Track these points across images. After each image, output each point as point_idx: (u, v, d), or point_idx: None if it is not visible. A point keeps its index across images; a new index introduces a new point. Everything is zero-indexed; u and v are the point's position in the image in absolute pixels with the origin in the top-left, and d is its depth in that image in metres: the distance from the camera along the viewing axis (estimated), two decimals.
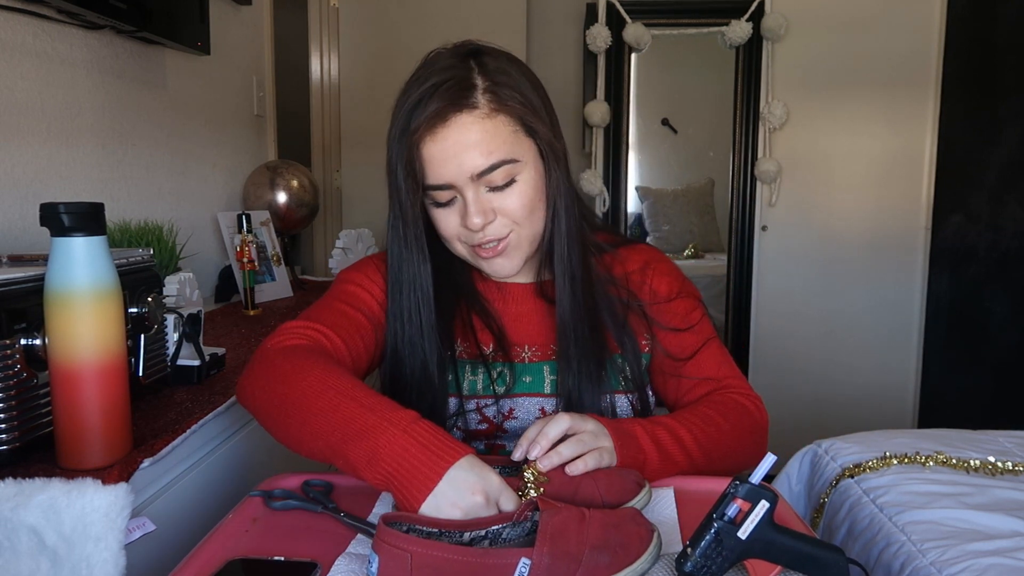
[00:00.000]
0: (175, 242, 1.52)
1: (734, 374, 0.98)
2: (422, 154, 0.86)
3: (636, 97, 3.02)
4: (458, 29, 3.35)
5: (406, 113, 0.86)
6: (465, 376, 0.95)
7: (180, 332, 1.10)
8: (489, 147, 0.84)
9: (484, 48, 0.89)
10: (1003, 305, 2.41)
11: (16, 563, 0.70)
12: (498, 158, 0.85)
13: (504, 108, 0.85)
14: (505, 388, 0.94)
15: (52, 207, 0.76)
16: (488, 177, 0.85)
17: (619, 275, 0.99)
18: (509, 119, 0.86)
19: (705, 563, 0.59)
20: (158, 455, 0.87)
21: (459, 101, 0.84)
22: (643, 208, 3.56)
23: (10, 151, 1.30)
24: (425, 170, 0.86)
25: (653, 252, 1.04)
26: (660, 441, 0.84)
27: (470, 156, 0.84)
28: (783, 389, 2.81)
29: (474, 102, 0.84)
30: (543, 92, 0.92)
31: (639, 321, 0.97)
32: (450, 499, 0.66)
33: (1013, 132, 2.35)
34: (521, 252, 0.92)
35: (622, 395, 0.95)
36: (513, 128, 0.86)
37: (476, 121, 0.84)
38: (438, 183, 0.87)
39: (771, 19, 2.70)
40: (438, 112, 0.83)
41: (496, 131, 0.85)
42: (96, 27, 1.48)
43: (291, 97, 2.92)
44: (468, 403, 0.95)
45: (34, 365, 0.82)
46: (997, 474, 1.15)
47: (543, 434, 0.76)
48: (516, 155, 0.86)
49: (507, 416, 0.94)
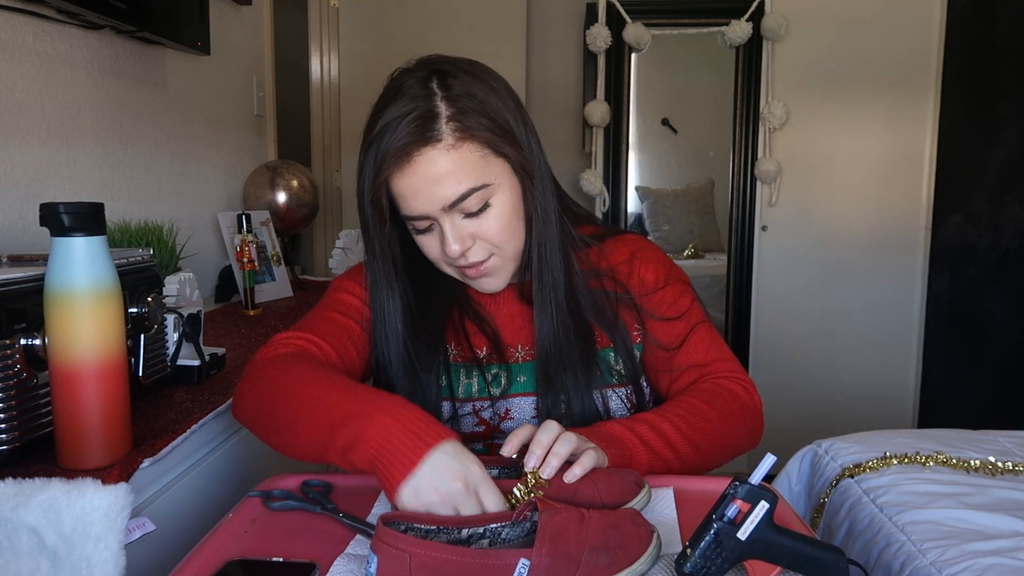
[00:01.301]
0: (175, 242, 1.51)
1: (724, 356, 0.97)
2: (392, 189, 0.85)
3: (636, 97, 3.02)
4: (458, 29, 3.32)
5: (373, 149, 0.84)
6: (460, 380, 0.95)
7: (180, 332, 1.10)
8: (458, 177, 0.83)
9: (447, 68, 0.86)
10: (1003, 305, 2.41)
11: (16, 563, 0.70)
12: (468, 186, 0.83)
13: (469, 136, 0.83)
14: (501, 390, 0.94)
15: (52, 207, 0.76)
16: (461, 205, 0.84)
17: (605, 268, 0.98)
18: (476, 145, 0.83)
19: (705, 564, 0.59)
20: (158, 455, 0.87)
21: (423, 135, 0.81)
22: (643, 208, 3.56)
23: (10, 151, 1.30)
24: (399, 202, 0.86)
25: (638, 241, 1.03)
26: (643, 437, 0.84)
27: (439, 188, 0.83)
28: (783, 389, 2.81)
29: (438, 134, 0.82)
30: (513, 102, 0.89)
31: (629, 312, 0.97)
32: (430, 483, 0.67)
33: (1013, 132, 2.35)
34: (506, 271, 0.92)
35: (615, 389, 0.95)
36: (481, 153, 0.84)
37: (442, 153, 0.82)
38: (413, 215, 0.86)
39: (771, 19, 2.70)
40: (403, 148, 0.82)
41: (463, 160, 0.83)
42: (96, 27, 1.48)
43: (291, 97, 2.91)
44: (464, 407, 0.95)
45: (34, 365, 0.82)
46: (997, 474, 1.15)
47: (537, 442, 0.74)
48: (487, 179, 0.85)
49: (503, 417, 0.95)
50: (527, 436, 0.77)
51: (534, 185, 0.89)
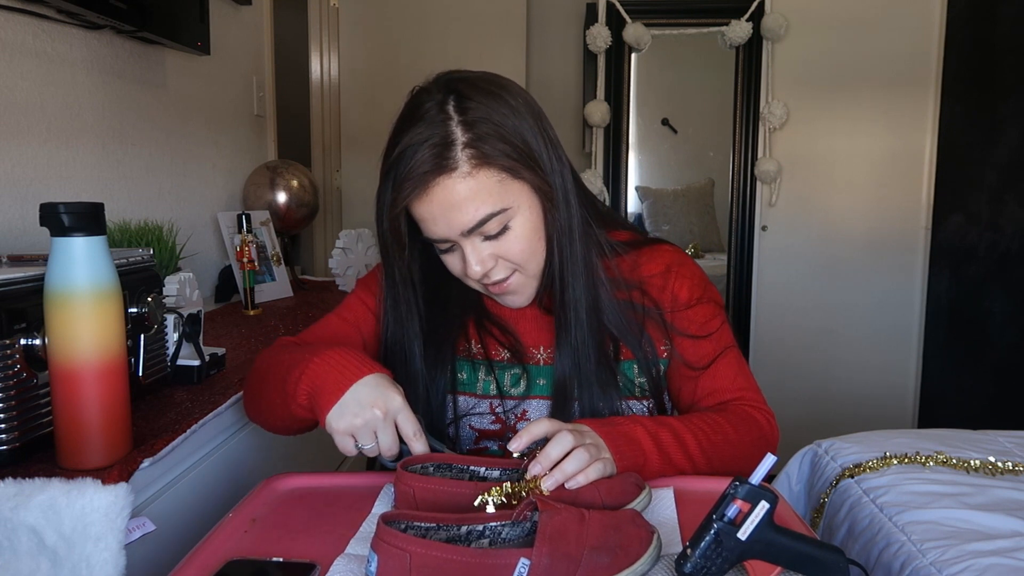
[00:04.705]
0: (175, 242, 1.51)
1: (750, 386, 0.96)
2: (412, 213, 0.86)
3: (636, 97, 3.02)
4: (458, 29, 3.33)
5: (391, 176, 0.85)
6: (479, 377, 0.96)
7: (180, 332, 1.10)
8: (475, 204, 0.83)
9: (465, 89, 0.84)
10: (1003, 305, 2.41)
11: (16, 563, 0.70)
12: (486, 212, 0.83)
13: (486, 162, 0.82)
14: (519, 391, 0.95)
15: (52, 207, 0.76)
16: (480, 229, 0.84)
17: (636, 279, 0.96)
18: (493, 171, 0.83)
19: (705, 564, 0.59)
20: (158, 455, 0.87)
21: (440, 164, 0.81)
22: (643, 208, 3.56)
23: (10, 151, 1.30)
24: (420, 225, 0.87)
25: (676, 254, 1.00)
26: (662, 443, 0.84)
27: (457, 215, 0.83)
28: (783, 389, 2.81)
29: (454, 162, 0.81)
30: (532, 119, 0.87)
31: (657, 327, 0.95)
32: (351, 409, 0.76)
33: (1013, 132, 2.35)
34: (529, 287, 0.92)
35: (637, 401, 0.95)
36: (499, 178, 0.83)
37: (459, 181, 0.82)
38: (434, 239, 0.87)
39: (771, 19, 2.70)
40: (421, 177, 0.82)
41: (480, 187, 0.82)
42: (96, 27, 1.48)
43: (291, 97, 2.91)
44: (481, 404, 0.95)
45: (34, 365, 0.82)
46: (997, 474, 1.15)
47: (546, 455, 0.74)
48: (505, 204, 0.84)
49: (520, 418, 0.95)
50: (539, 434, 0.77)
51: (555, 206, 0.88)
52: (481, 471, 0.79)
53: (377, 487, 0.82)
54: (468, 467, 0.79)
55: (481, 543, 0.65)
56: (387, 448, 0.78)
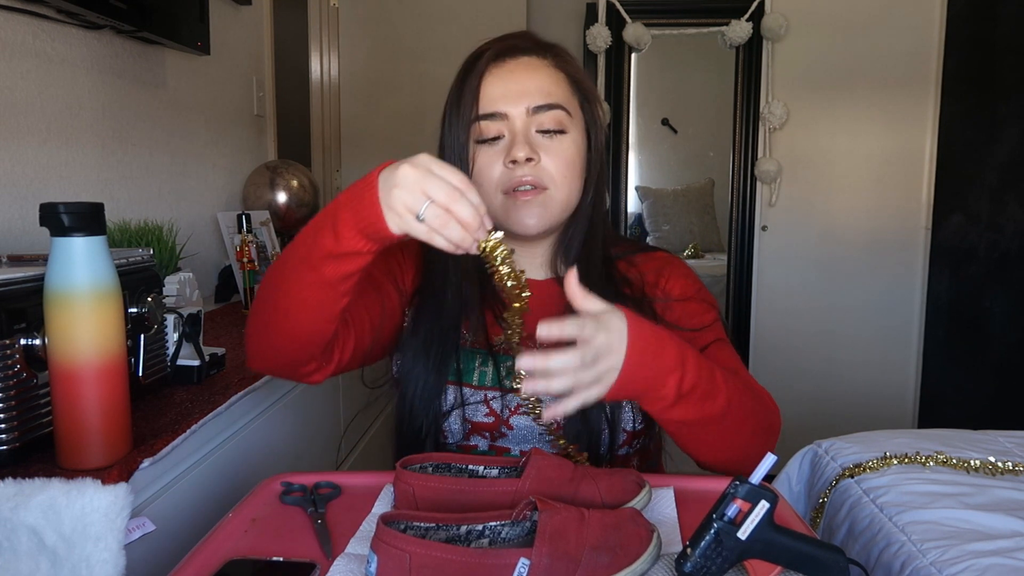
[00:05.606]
0: (175, 242, 1.51)
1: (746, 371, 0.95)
2: (483, 83, 0.90)
3: (636, 97, 3.02)
4: (458, 29, 3.33)
5: (474, 55, 0.91)
6: (475, 367, 0.95)
7: (180, 332, 1.10)
8: (550, 89, 0.90)
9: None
10: (1003, 305, 2.41)
11: (16, 563, 0.70)
12: (556, 100, 0.90)
13: (566, 71, 0.92)
14: (514, 382, 0.94)
15: (52, 207, 0.76)
16: (541, 117, 0.89)
17: (634, 279, 0.98)
18: (569, 84, 0.92)
19: (705, 563, 0.59)
20: (158, 455, 0.87)
21: (531, 47, 0.91)
22: (643, 208, 3.57)
23: (10, 151, 1.30)
24: (480, 101, 0.90)
25: (671, 258, 1.03)
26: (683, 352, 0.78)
27: (531, 88, 0.89)
28: (783, 389, 2.80)
29: (543, 53, 0.92)
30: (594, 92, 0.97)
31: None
32: (403, 169, 0.69)
33: (1013, 132, 2.35)
34: (550, 213, 0.92)
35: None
36: (572, 90, 0.92)
37: (543, 66, 0.91)
38: (491, 111, 0.89)
39: (771, 19, 2.70)
40: (510, 48, 0.91)
41: (558, 81, 0.91)
42: (96, 27, 1.48)
43: (291, 97, 2.91)
44: (476, 394, 0.94)
45: (34, 365, 0.82)
46: (997, 474, 1.15)
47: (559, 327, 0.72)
48: (571, 108, 0.91)
49: (513, 411, 0.94)
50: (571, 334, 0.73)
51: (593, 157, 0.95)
52: (480, 470, 0.79)
53: (377, 487, 0.82)
54: (467, 466, 0.79)
55: (481, 543, 0.65)
56: (463, 184, 0.70)
